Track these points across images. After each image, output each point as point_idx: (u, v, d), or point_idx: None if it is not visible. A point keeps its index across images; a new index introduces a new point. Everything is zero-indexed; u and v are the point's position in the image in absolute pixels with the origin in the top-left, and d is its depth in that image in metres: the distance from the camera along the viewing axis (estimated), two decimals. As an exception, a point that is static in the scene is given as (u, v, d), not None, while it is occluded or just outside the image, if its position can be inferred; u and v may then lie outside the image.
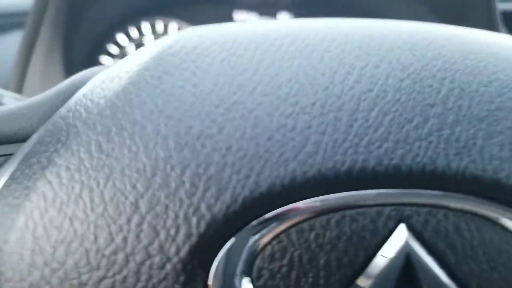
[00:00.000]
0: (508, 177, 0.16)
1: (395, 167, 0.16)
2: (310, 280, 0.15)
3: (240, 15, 0.87)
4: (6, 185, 0.18)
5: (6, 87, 0.74)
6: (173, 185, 0.16)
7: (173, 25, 0.83)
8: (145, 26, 0.82)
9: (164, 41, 0.22)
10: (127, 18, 0.82)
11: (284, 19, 0.86)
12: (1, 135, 0.22)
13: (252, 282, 0.15)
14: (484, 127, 0.17)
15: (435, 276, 0.15)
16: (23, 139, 0.21)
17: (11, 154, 0.21)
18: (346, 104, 0.17)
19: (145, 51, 0.21)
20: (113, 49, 0.81)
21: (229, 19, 0.87)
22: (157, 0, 0.83)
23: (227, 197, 0.15)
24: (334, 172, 0.16)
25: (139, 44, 0.82)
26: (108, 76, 0.20)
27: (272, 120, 0.17)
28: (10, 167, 0.19)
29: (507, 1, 0.79)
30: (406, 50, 0.20)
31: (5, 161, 0.21)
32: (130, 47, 0.81)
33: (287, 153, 0.16)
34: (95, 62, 0.80)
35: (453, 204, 0.16)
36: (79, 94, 0.20)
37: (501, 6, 0.78)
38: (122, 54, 0.81)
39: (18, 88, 0.72)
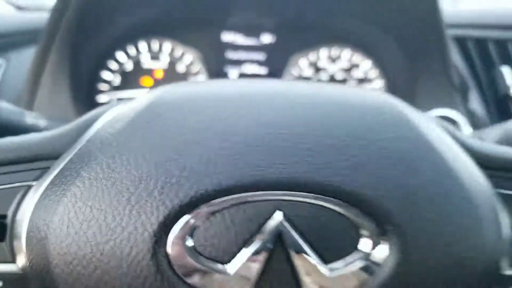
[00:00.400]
0: (346, 185, 0.27)
1: (278, 179, 0.27)
2: (226, 240, 0.26)
3: (227, 36, 0.96)
4: (49, 188, 0.29)
5: (19, 100, 0.82)
6: (151, 188, 0.27)
7: (167, 45, 0.92)
8: (142, 45, 0.92)
9: (153, 94, 0.33)
10: (126, 38, 0.91)
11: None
12: (41, 154, 0.33)
13: (194, 241, 0.26)
14: (337, 154, 0.28)
15: (296, 241, 0.26)
16: (56, 157, 0.32)
17: (47, 168, 0.32)
18: (259, 141, 0.28)
19: (140, 101, 0.32)
20: (113, 65, 0.90)
21: (217, 39, 0.96)
22: (153, 22, 0.91)
23: (181, 196, 0.26)
24: (246, 181, 0.27)
25: (136, 61, 0.91)
26: (114, 117, 0.31)
27: (213, 150, 0.28)
28: (50, 177, 0.30)
29: (460, 28, 0.89)
30: (304, 106, 0.31)
31: (43, 173, 0.32)
32: (128, 64, 0.91)
33: (219, 170, 0.27)
34: (97, 77, 0.89)
35: (311, 200, 0.27)
36: (95, 128, 0.31)
37: (452, 32, 0.89)
38: (121, 70, 0.91)
39: (30, 101, 0.80)
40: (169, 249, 0.26)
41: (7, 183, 0.31)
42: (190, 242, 0.26)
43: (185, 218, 0.26)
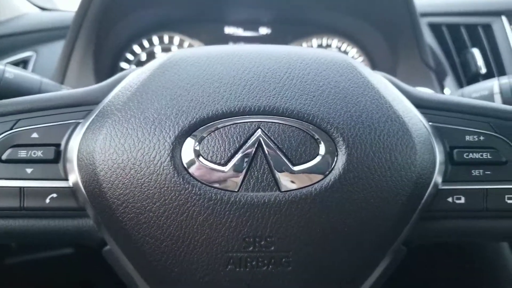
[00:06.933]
0: (306, 110, 0.38)
1: (258, 107, 0.38)
2: (222, 148, 0.37)
3: (229, 29, 1.08)
4: (93, 122, 0.41)
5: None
6: (168, 114, 0.38)
7: (176, 38, 1.04)
8: (155, 39, 1.04)
9: (165, 56, 0.44)
10: (141, 33, 1.03)
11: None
12: (86, 100, 0.44)
13: (200, 149, 0.38)
14: (301, 90, 0.39)
15: (271, 146, 0.37)
16: (97, 103, 0.43)
17: (91, 110, 0.43)
18: (245, 82, 0.40)
19: (156, 61, 0.44)
20: (130, 56, 1.03)
21: (221, 33, 1.08)
22: (164, 19, 1.04)
23: (190, 118, 0.38)
24: (236, 109, 0.38)
25: (150, 53, 1.03)
26: (138, 73, 0.43)
27: (212, 88, 0.39)
28: (93, 115, 0.42)
29: (435, 16, 1.00)
30: (277, 59, 0.42)
31: (88, 113, 0.43)
32: (142, 55, 1.03)
33: (217, 101, 0.39)
34: (116, 67, 1.02)
35: (281, 121, 0.38)
36: (116, 91, 0.42)
37: (428, 20, 1.00)
38: (137, 60, 1.03)
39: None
40: (183, 154, 0.38)
41: (61, 121, 0.43)
42: (198, 149, 0.38)
43: (194, 133, 0.38)
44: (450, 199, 0.42)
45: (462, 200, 0.42)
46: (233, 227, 0.37)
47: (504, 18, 0.95)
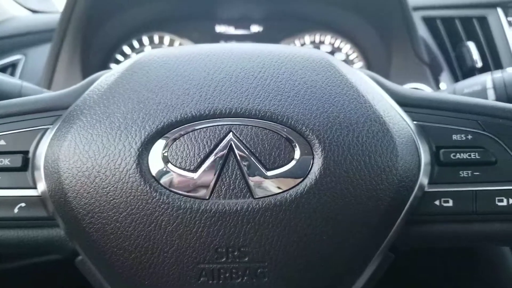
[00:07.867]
0: (280, 111, 0.36)
1: (229, 110, 0.36)
2: (191, 153, 0.35)
3: (220, 28, 1.06)
4: (60, 127, 0.39)
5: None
6: (135, 118, 0.36)
7: (166, 38, 1.02)
8: (145, 39, 1.02)
9: (134, 58, 0.42)
10: (131, 34, 1.01)
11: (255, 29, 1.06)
12: (55, 105, 0.42)
13: (168, 154, 0.36)
14: (274, 90, 0.37)
15: (243, 151, 0.35)
16: (66, 107, 0.42)
17: (60, 115, 0.42)
18: (215, 84, 0.38)
19: (126, 62, 0.42)
20: (120, 57, 1.01)
21: (212, 31, 1.06)
22: (154, 18, 1.02)
23: (157, 122, 0.36)
24: (206, 112, 0.36)
25: (140, 52, 1.02)
26: (108, 75, 0.41)
27: (181, 90, 0.37)
28: (61, 120, 0.40)
29: (429, 9, 0.98)
30: (248, 57, 0.40)
31: (57, 119, 0.42)
32: (132, 55, 1.02)
33: (186, 104, 0.37)
34: (106, 68, 1.00)
35: (253, 124, 0.36)
36: (88, 92, 0.41)
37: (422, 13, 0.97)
38: (127, 61, 1.01)
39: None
40: (150, 160, 0.36)
41: (30, 127, 0.41)
42: (166, 155, 0.36)
43: (162, 138, 0.36)
44: (437, 202, 0.40)
45: (450, 203, 0.40)
46: (204, 237, 0.35)
47: (499, 10, 0.92)
